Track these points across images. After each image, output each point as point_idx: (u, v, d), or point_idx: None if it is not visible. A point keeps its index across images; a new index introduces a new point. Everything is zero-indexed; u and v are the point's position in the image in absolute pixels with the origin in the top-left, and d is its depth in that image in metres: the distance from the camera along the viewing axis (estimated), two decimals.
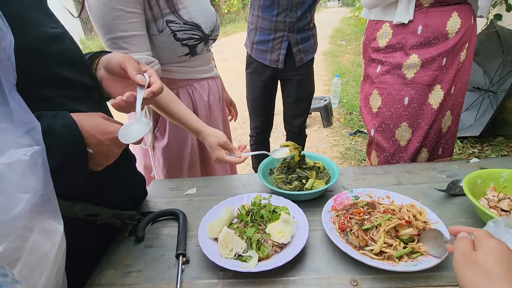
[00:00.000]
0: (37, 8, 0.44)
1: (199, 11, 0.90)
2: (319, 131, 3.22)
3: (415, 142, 1.08)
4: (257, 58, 1.56)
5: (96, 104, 0.55)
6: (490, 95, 2.63)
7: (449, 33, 0.95)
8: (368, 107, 1.14)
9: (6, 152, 0.28)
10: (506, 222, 0.49)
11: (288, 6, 1.40)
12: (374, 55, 1.09)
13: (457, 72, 1.02)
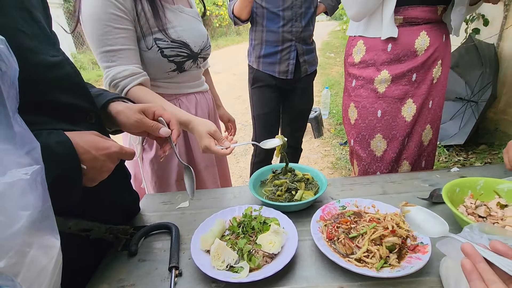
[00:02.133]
0: (39, 38, 0.47)
1: (187, 31, 0.95)
2: (310, 142, 3.28)
3: (390, 152, 1.12)
4: (265, 70, 1.57)
5: (92, 126, 0.57)
6: (472, 105, 2.74)
7: (417, 51, 1.01)
8: (347, 118, 1.19)
9: (8, 172, 0.30)
10: (480, 228, 0.53)
11: (292, 16, 1.45)
12: (350, 69, 1.14)
13: (433, 87, 1.08)
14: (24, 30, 0.44)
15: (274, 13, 1.44)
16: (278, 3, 1.42)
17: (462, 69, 2.84)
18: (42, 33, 0.48)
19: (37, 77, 0.44)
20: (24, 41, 0.43)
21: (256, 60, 1.58)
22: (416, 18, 0.97)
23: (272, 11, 1.43)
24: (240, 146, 1.31)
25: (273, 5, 1.42)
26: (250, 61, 1.65)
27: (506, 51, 2.50)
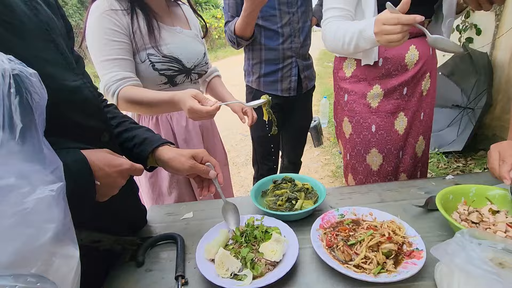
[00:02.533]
0: (61, 66, 0.51)
1: (181, 48, 1.05)
2: (310, 151, 3.31)
3: (386, 166, 1.13)
4: (267, 90, 1.52)
5: (105, 144, 0.61)
6: (468, 112, 2.79)
7: (408, 65, 1.03)
8: (342, 132, 1.19)
9: (37, 189, 0.34)
10: (470, 233, 0.55)
11: (291, 32, 1.44)
12: (341, 83, 1.14)
13: (423, 99, 1.10)
14: (48, 59, 0.48)
15: (272, 30, 1.42)
16: (276, 20, 1.41)
17: (458, 77, 2.90)
18: (64, 61, 0.52)
19: (58, 101, 0.48)
20: (48, 69, 0.47)
21: (256, 80, 1.53)
22: None
23: (271, 28, 1.41)
24: (241, 156, 1.32)
25: (271, 22, 1.41)
26: (248, 82, 1.59)
27: (499, 59, 2.56)
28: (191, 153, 0.75)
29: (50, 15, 0.53)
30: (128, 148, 0.73)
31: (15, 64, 0.32)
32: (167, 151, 0.73)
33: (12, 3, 0.46)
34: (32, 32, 0.47)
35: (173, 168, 0.73)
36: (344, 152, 1.22)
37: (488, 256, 0.52)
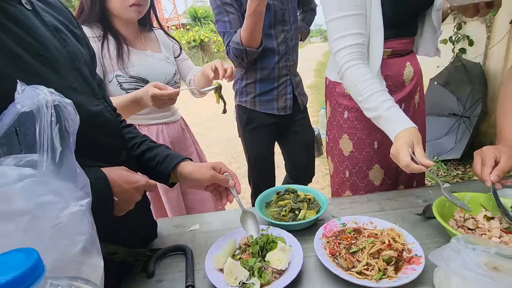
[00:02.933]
0: (85, 92, 0.56)
1: (149, 70, 1.17)
2: None
3: (387, 180, 1.14)
4: (263, 110, 1.51)
5: (123, 162, 0.65)
6: (465, 120, 2.84)
7: (405, 81, 1.05)
8: (338, 149, 1.16)
9: (70, 205, 0.38)
10: (465, 239, 0.59)
11: (287, 50, 1.44)
12: (340, 100, 1.11)
13: (416, 112, 1.13)
14: (76, 88, 0.53)
15: (269, 49, 1.42)
16: (272, 39, 1.41)
17: (453, 87, 2.97)
18: (88, 87, 0.57)
19: (83, 124, 0.53)
20: (76, 97, 0.52)
21: (251, 100, 1.51)
22: (401, 50, 1.02)
23: (267, 47, 1.41)
24: (242, 168, 1.36)
25: (267, 41, 1.41)
26: (241, 102, 1.55)
27: (492, 69, 2.64)
28: (210, 164, 0.81)
29: (76, 45, 0.58)
30: (151, 166, 0.78)
31: (55, 96, 0.36)
32: (187, 166, 0.79)
33: (44, 37, 0.51)
34: (62, 64, 0.52)
35: (194, 180, 0.78)
36: (340, 169, 1.18)
37: (482, 261, 0.55)
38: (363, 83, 0.87)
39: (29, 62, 0.47)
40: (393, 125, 0.83)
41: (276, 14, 1.38)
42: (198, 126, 5.35)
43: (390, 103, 0.84)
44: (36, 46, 0.49)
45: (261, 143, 1.58)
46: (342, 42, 0.90)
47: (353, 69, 0.89)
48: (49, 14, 0.57)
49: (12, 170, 0.35)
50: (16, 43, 0.46)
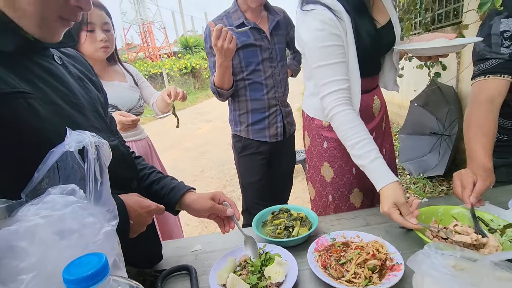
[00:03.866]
0: (104, 129, 0.65)
1: (116, 98, 1.39)
2: (303, 182, 3.44)
3: (366, 201, 1.23)
4: (256, 138, 1.62)
5: (134, 189, 0.74)
6: (445, 138, 3.02)
7: (374, 113, 1.17)
8: (320, 176, 1.24)
9: (104, 225, 0.46)
10: (436, 246, 0.68)
11: (274, 84, 1.58)
12: (320, 131, 1.19)
13: (383, 138, 1.25)
14: (97, 127, 0.63)
15: (257, 82, 1.55)
16: (260, 74, 1.55)
17: (432, 107, 3.19)
18: (105, 125, 0.67)
19: None
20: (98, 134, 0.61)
21: (245, 129, 1.63)
22: (368, 87, 1.14)
23: (256, 81, 1.55)
24: (237, 191, 1.44)
25: (256, 76, 1.54)
26: (236, 131, 1.67)
27: (464, 91, 2.87)
28: (210, 195, 0.89)
29: (94, 90, 0.69)
30: (159, 196, 0.86)
31: (96, 138, 0.46)
32: (190, 196, 0.87)
33: (73, 86, 0.61)
34: (87, 107, 0.62)
35: (195, 209, 0.86)
36: (323, 194, 1.24)
37: (450, 264, 0.64)
38: (351, 129, 0.96)
39: (64, 108, 0.56)
40: (376, 178, 0.92)
41: (263, 52, 1.53)
42: (193, 151, 5.43)
43: (374, 154, 0.93)
44: (68, 94, 0.59)
45: (254, 170, 1.67)
46: (329, 88, 0.98)
47: (342, 114, 0.97)
48: (73, 65, 0.68)
49: (60, 197, 0.44)
50: (55, 94, 0.56)
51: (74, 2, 0.52)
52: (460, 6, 2.85)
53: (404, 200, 0.85)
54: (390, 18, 1.08)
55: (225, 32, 1.29)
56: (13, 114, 0.49)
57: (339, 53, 0.97)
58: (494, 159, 0.99)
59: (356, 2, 0.99)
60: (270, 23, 1.56)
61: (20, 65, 0.54)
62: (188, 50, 17.45)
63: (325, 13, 0.96)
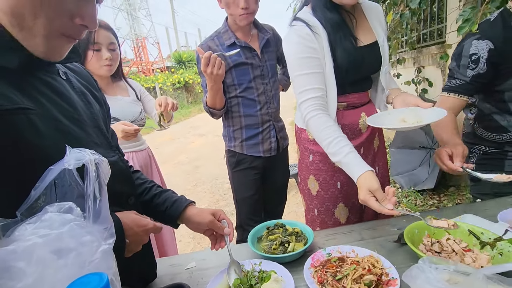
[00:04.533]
0: (104, 145, 0.65)
1: (119, 111, 1.46)
2: (296, 196, 3.43)
3: (352, 218, 1.23)
4: (250, 153, 1.64)
5: (131, 206, 0.73)
6: (434, 152, 3.09)
7: (362, 129, 1.20)
8: (307, 188, 1.26)
9: (101, 243, 0.46)
10: (430, 260, 0.69)
11: (267, 100, 1.61)
12: (306, 144, 1.23)
13: (376, 154, 1.26)
14: (97, 142, 0.63)
15: (251, 99, 1.59)
16: (252, 91, 1.58)
17: None
18: (105, 141, 0.67)
19: None
20: (98, 151, 0.61)
21: (239, 145, 1.65)
22: (356, 103, 1.18)
23: (249, 98, 1.58)
24: (230, 206, 1.43)
25: (248, 93, 1.58)
26: (230, 146, 1.69)
27: None
28: (211, 211, 0.90)
29: (96, 105, 0.70)
30: (161, 210, 0.86)
31: (94, 155, 0.46)
32: (191, 209, 0.89)
33: (76, 102, 0.62)
34: (88, 123, 0.63)
35: (195, 222, 0.87)
36: (310, 207, 1.27)
37: (444, 278, 0.65)
38: (325, 130, 1.02)
39: (66, 124, 0.57)
40: (351, 171, 0.97)
41: (254, 70, 1.57)
42: (186, 165, 5.39)
43: (348, 149, 0.98)
44: (70, 110, 0.59)
45: (248, 185, 1.68)
46: (305, 95, 1.06)
47: (315, 118, 1.04)
48: (77, 80, 0.69)
49: (58, 216, 0.43)
50: (57, 110, 0.56)
51: (79, 21, 0.53)
52: (443, 26, 3.00)
53: (378, 186, 0.90)
54: (376, 40, 1.14)
55: (213, 59, 1.33)
56: (14, 130, 0.49)
57: (314, 65, 1.05)
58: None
59: (335, 20, 1.07)
60: (260, 41, 1.60)
61: (23, 81, 0.54)
62: (181, 65, 17.64)
63: (303, 28, 1.05)
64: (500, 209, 0.98)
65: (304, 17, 1.07)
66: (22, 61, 0.52)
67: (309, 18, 1.07)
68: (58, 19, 0.51)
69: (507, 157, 1.22)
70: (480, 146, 1.30)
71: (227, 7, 1.47)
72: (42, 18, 0.50)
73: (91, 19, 0.55)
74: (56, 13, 0.51)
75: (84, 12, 0.54)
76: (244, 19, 1.47)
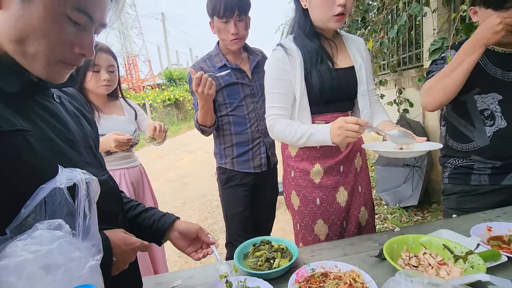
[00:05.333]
0: (95, 165, 0.68)
1: (114, 129, 1.48)
2: (285, 213, 3.44)
3: (332, 235, 1.26)
4: (240, 169, 1.67)
5: (119, 224, 0.74)
6: (417, 169, 3.20)
7: (340, 148, 1.26)
8: (291, 203, 1.31)
9: (89, 259, 0.48)
10: (406, 273, 0.73)
11: (257, 117, 1.66)
12: (288, 161, 1.29)
13: (359, 174, 1.31)
14: (89, 162, 0.65)
15: (241, 117, 1.62)
16: (243, 109, 1.64)
17: None
18: (96, 160, 0.69)
19: None
20: (88, 169, 0.64)
21: (230, 161, 1.68)
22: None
23: (239, 115, 1.64)
24: (219, 223, 1.44)
25: (239, 111, 1.63)
26: (221, 164, 1.72)
27: (430, 126, 3.11)
28: (198, 226, 0.95)
29: (87, 126, 0.73)
30: (147, 225, 0.88)
31: (85, 175, 0.49)
32: (180, 222, 0.93)
33: (69, 123, 0.65)
34: (80, 143, 0.65)
35: (184, 231, 0.90)
36: (294, 222, 1.33)
37: None
38: (287, 127, 1.15)
39: (59, 145, 0.59)
40: (322, 136, 1.08)
41: (245, 89, 1.64)
42: (175, 182, 5.33)
43: (308, 127, 1.12)
44: (64, 132, 0.62)
45: (237, 201, 1.70)
46: (271, 110, 1.21)
47: (277, 123, 1.18)
48: (69, 102, 0.72)
49: (48, 233, 0.45)
50: (52, 131, 0.59)
51: (79, 50, 0.58)
52: (421, 51, 3.20)
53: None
54: (353, 65, 1.24)
55: (204, 79, 1.39)
56: (12, 151, 0.51)
57: (281, 85, 1.18)
58: (449, 185, 1.10)
59: (313, 46, 1.18)
60: (250, 63, 1.69)
61: (21, 104, 0.57)
62: (172, 82, 17.77)
63: (280, 52, 1.18)
64: (473, 224, 1.04)
65: (284, 43, 1.21)
66: (22, 86, 0.55)
67: (288, 44, 1.19)
68: (59, 48, 0.55)
69: (473, 171, 1.30)
70: (452, 160, 1.38)
71: (218, 33, 1.56)
72: (44, 46, 0.54)
73: (89, 48, 0.60)
74: (58, 42, 0.55)
75: (83, 42, 0.58)
76: (234, 44, 1.55)
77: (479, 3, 1.19)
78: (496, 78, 1.23)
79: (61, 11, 0.53)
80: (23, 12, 0.51)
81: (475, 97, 1.25)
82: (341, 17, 1.12)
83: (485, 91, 1.23)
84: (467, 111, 1.29)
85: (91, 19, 0.58)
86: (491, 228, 1.01)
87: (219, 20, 1.50)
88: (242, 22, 1.53)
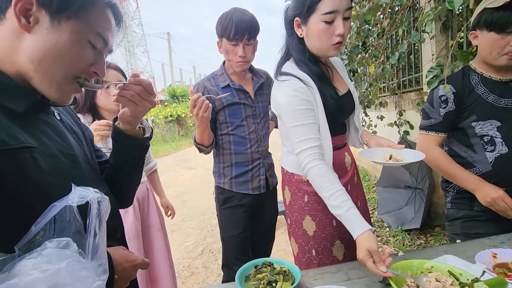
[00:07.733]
0: (94, 180, 0.69)
1: None
2: (285, 233, 3.38)
3: (348, 255, 1.24)
4: (239, 190, 1.66)
5: (117, 240, 0.75)
6: (419, 191, 3.18)
7: (347, 167, 1.28)
8: (302, 230, 1.26)
9: (96, 279, 0.48)
10: None
11: (258, 138, 1.67)
12: (300, 186, 1.24)
13: (357, 190, 1.33)
14: (89, 177, 0.66)
15: (241, 137, 1.63)
16: (244, 129, 1.65)
17: None
18: (96, 175, 0.71)
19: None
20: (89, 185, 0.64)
21: (228, 182, 1.67)
22: (339, 144, 1.27)
23: (240, 135, 1.62)
24: (217, 243, 1.42)
25: (240, 131, 1.64)
26: (220, 183, 1.70)
27: None
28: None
29: (84, 141, 0.74)
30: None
31: (97, 193, 0.50)
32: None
33: (69, 140, 0.67)
34: (80, 159, 0.67)
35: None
36: (305, 249, 1.26)
37: None
38: (327, 182, 1.07)
39: (63, 161, 0.61)
40: (352, 227, 1.01)
41: (247, 110, 1.66)
42: (175, 199, 5.28)
43: (349, 204, 1.03)
44: (66, 147, 0.64)
45: (235, 223, 1.67)
46: (302, 145, 1.11)
47: (317, 168, 1.08)
48: (66, 117, 0.74)
49: (57, 251, 0.46)
50: (55, 147, 0.61)
51: (95, 68, 0.61)
52: (420, 76, 3.28)
53: (377, 248, 0.93)
54: (349, 89, 1.29)
55: (200, 102, 1.40)
56: (19, 167, 0.53)
57: (309, 115, 1.13)
58: (452, 210, 1.10)
59: (318, 73, 1.19)
60: (254, 84, 1.72)
61: (27, 121, 0.60)
62: (175, 99, 18.04)
63: (297, 83, 1.13)
64: (478, 250, 1.03)
65: (293, 71, 1.16)
66: (29, 105, 0.58)
67: (298, 73, 1.15)
68: (77, 68, 0.59)
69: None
70: (453, 184, 1.39)
71: (226, 54, 1.60)
72: (65, 66, 0.57)
73: (102, 69, 0.63)
74: (78, 63, 0.59)
75: (99, 62, 0.62)
76: (240, 66, 1.60)
77: (481, 26, 1.22)
78: (494, 105, 1.26)
79: (86, 35, 0.57)
80: (52, 35, 0.55)
81: (472, 124, 1.29)
82: (339, 45, 1.14)
83: (482, 118, 1.27)
84: (467, 137, 1.32)
85: (106, 43, 0.62)
86: (496, 255, 1.00)
87: (228, 42, 1.53)
88: (251, 46, 1.57)
